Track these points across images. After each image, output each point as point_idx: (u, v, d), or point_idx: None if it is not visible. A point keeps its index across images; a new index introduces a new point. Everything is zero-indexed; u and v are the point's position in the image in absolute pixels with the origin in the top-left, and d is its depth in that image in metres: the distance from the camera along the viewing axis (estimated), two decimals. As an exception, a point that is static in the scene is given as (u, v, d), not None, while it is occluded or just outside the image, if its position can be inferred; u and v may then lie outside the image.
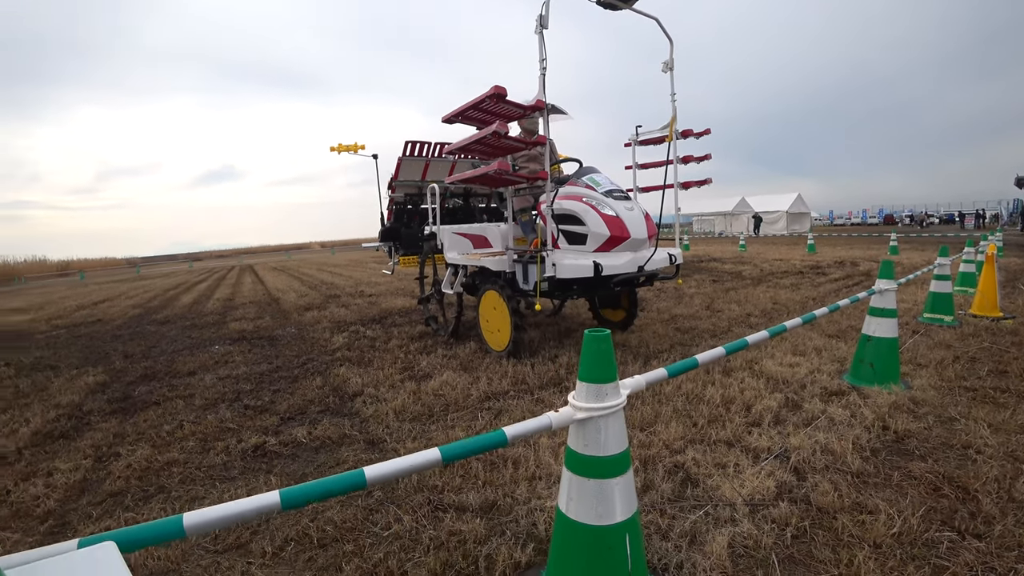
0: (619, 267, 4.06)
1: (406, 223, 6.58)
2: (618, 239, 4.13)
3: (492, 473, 2.44)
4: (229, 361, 5.35)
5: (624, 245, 4.15)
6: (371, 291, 10.90)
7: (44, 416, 3.99)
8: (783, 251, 16.40)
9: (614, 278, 4.11)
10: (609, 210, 4.19)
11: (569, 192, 4.37)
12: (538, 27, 3.74)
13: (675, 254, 4.56)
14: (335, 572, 1.81)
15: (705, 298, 7.32)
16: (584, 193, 4.32)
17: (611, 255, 4.11)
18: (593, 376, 1.36)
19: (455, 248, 5.45)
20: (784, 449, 2.50)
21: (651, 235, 4.39)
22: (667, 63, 4.68)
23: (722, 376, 3.66)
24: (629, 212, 4.25)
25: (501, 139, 3.91)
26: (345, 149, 6.40)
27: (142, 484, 2.72)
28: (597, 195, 4.29)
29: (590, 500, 1.36)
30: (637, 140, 5.27)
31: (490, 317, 4.86)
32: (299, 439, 3.09)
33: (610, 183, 4.52)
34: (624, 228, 4.14)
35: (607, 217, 4.14)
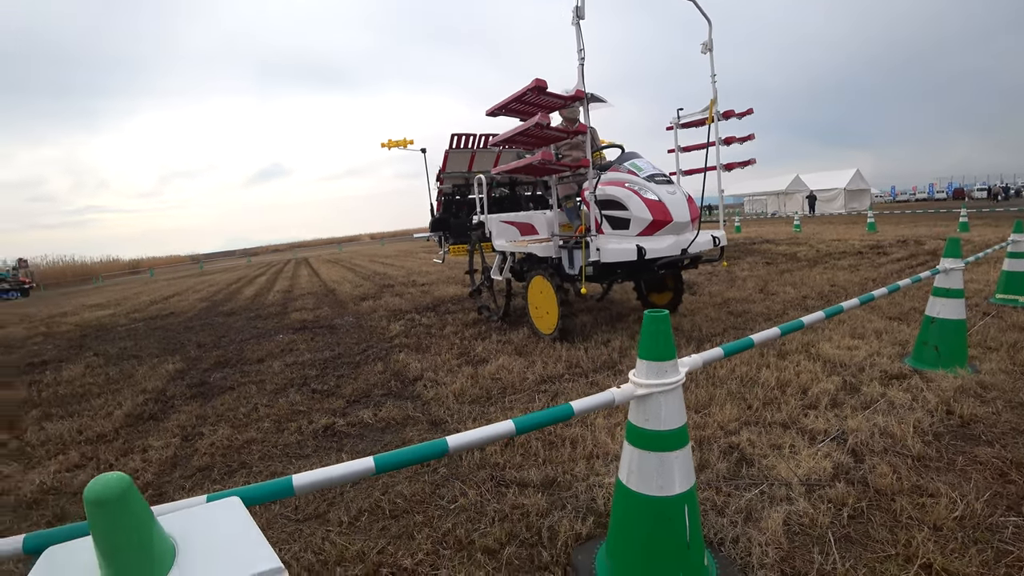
0: (662, 250, 4.11)
1: (455, 213, 6.79)
2: (661, 223, 4.18)
3: (551, 452, 2.55)
4: (294, 349, 5.66)
5: (667, 228, 4.20)
6: (423, 280, 11.18)
7: (134, 400, 4.37)
8: (841, 231, 15.70)
9: (658, 261, 4.17)
10: (651, 194, 4.24)
11: (612, 178, 4.44)
12: (575, 18, 3.81)
13: (719, 236, 4.58)
14: (407, 540, 1.96)
15: (758, 281, 7.17)
16: (626, 179, 4.39)
17: (654, 239, 4.18)
18: (653, 354, 1.43)
19: (503, 236, 5.59)
20: (841, 431, 2.49)
21: (694, 218, 4.41)
22: (706, 44, 4.66)
23: (777, 359, 3.63)
24: (671, 196, 4.29)
25: (543, 130, 4.02)
26: (395, 145, 6.64)
27: (226, 460, 2.97)
28: (639, 180, 4.35)
29: (651, 472, 1.44)
30: (679, 123, 5.27)
31: (538, 302, 4.98)
32: (365, 420, 3.29)
33: (652, 167, 4.56)
34: (667, 212, 4.19)
35: (649, 201, 4.20)
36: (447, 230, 6.75)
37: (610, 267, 4.21)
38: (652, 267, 4.30)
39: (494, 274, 5.74)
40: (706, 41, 4.66)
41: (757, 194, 40.42)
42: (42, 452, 3.46)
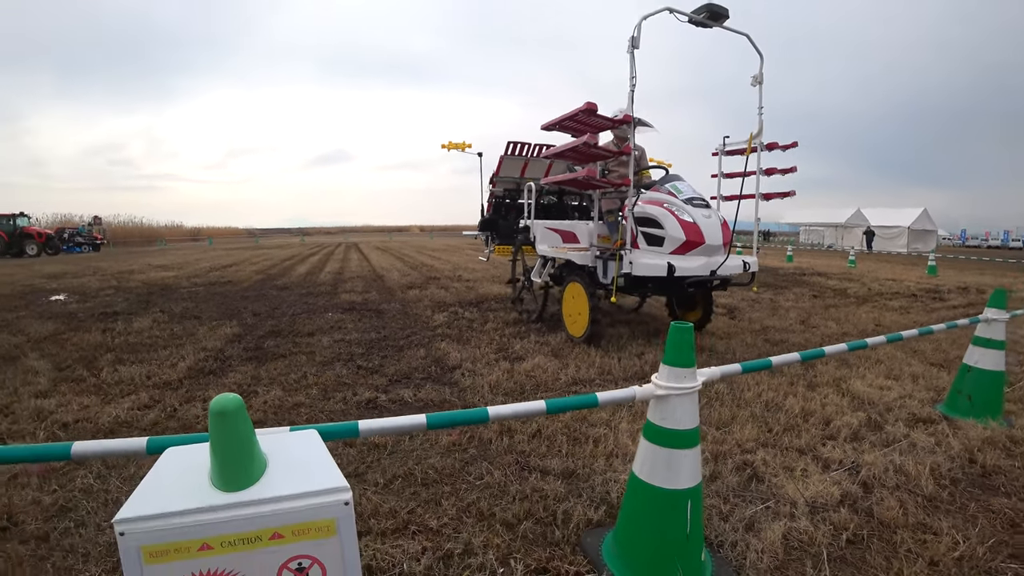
0: (692, 269, 4.37)
1: (503, 215, 7.19)
2: (693, 243, 4.46)
3: (575, 446, 2.73)
4: (342, 327, 6.02)
5: (699, 250, 4.47)
6: (468, 276, 11.49)
7: (195, 356, 4.78)
8: (898, 271, 15.16)
9: (687, 279, 4.42)
10: (687, 216, 4.53)
11: (652, 197, 4.75)
12: (630, 47, 4.10)
13: (750, 262, 4.80)
14: (435, 506, 2.18)
15: (802, 312, 7.12)
16: (665, 199, 4.70)
17: (685, 258, 4.44)
18: (674, 360, 1.60)
19: (546, 241, 5.91)
20: (855, 463, 2.57)
21: (726, 242, 4.65)
22: (756, 77, 4.87)
23: (805, 389, 3.69)
24: (706, 219, 4.56)
25: (590, 148, 4.45)
26: (454, 147, 7.06)
27: (277, 418, 3.28)
28: (677, 202, 4.64)
29: (661, 465, 1.61)
30: (723, 150, 5.46)
31: (571, 306, 5.28)
32: (405, 399, 3.55)
33: (692, 191, 4.83)
34: (700, 233, 4.47)
35: (684, 223, 4.48)
36: (495, 230, 7.19)
37: (641, 280, 4.51)
38: (682, 284, 4.55)
39: (534, 276, 6.10)
40: (756, 75, 4.86)
41: (815, 224, 39.22)
42: (116, 390, 3.87)
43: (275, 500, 1.08)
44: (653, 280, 4.52)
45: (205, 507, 1.06)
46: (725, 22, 4.57)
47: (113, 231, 44.28)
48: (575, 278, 5.18)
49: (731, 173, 5.49)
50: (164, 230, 58.24)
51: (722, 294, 8.44)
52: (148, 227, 56.44)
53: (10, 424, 3.30)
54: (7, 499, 2.33)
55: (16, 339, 5.68)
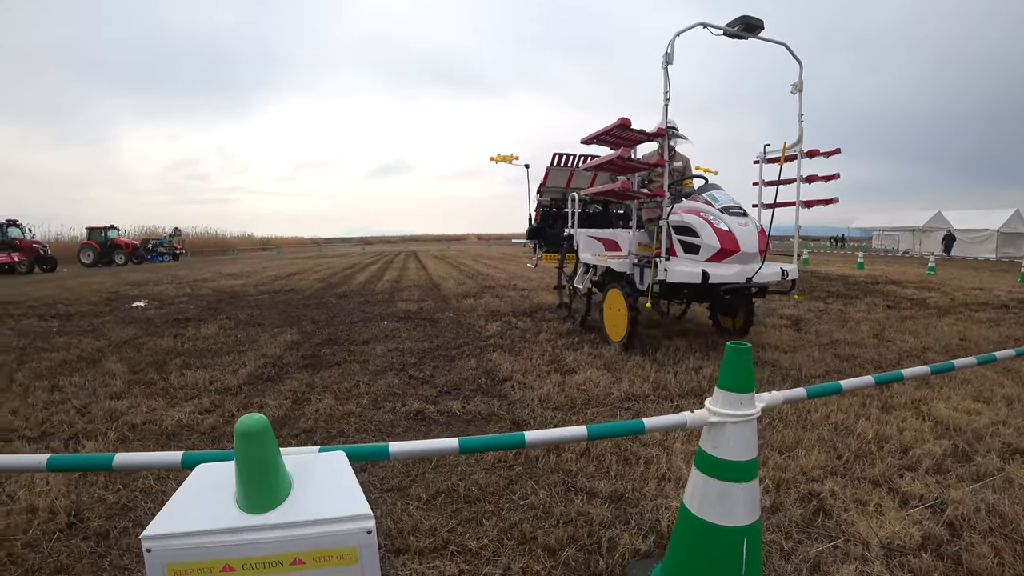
0: (727, 276, 4.48)
1: (551, 224, 7.38)
2: (728, 251, 4.58)
3: (624, 468, 2.61)
4: (396, 336, 6.11)
5: (734, 257, 4.59)
6: (523, 285, 11.46)
7: (256, 362, 4.96)
8: (986, 279, 13.91)
9: (722, 286, 4.53)
10: (723, 225, 4.66)
11: (689, 206, 4.93)
12: (664, 63, 4.25)
13: (789, 269, 4.85)
14: (476, 525, 2.12)
15: (874, 325, 6.62)
16: (702, 208, 4.84)
17: (721, 265, 4.56)
18: (730, 385, 1.47)
19: (588, 249, 6.10)
20: (940, 500, 2.31)
21: (762, 250, 4.73)
22: (796, 85, 4.95)
23: (880, 412, 3.39)
24: (742, 228, 4.68)
25: (624, 162, 4.71)
26: (502, 159, 7.24)
27: (327, 427, 3.33)
28: (714, 211, 4.78)
29: (714, 499, 1.48)
30: (764, 159, 5.46)
31: (611, 312, 5.41)
32: (453, 411, 3.53)
33: (729, 200, 4.94)
34: (735, 242, 4.59)
35: (719, 231, 4.62)
36: (542, 238, 7.43)
37: (676, 287, 4.66)
38: (717, 291, 4.68)
39: (577, 283, 6.33)
40: (796, 82, 4.95)
41: (889, 229, 36.75)
42: (181, 394, 4.06)
43: (297, 525, 1.06)
44: (689, 287, 4.62)
45: (228, 528, 1.05)
46: (760, 33, 4.64)
47: (191, 241, 47.35)
48: (615, 285, 5.30)
49: (772, 181, 5.40)
50: (236, 240, 61.70)
51: (787, 305, 8.31)
52: (222, 237, 59.97)
53: (86, 424, 3.52)
54: (76, 496, 2.46)
55: (99, 343, 6.10)
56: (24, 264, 23.91)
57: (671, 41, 4.28)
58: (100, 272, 23.08)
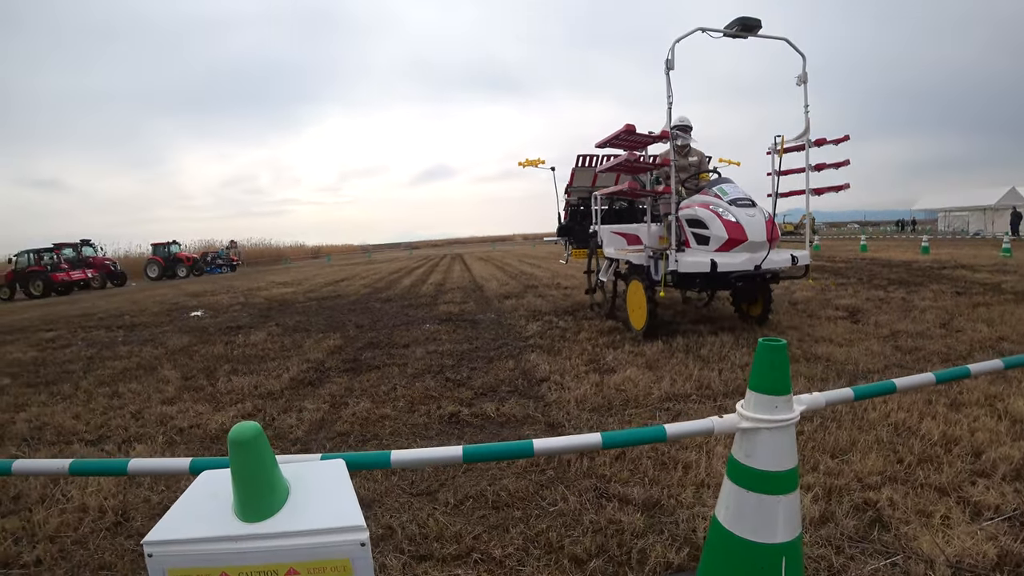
0: (735, 265, 4.77)
1: (579, 222, 7.60)
2: (736, 241, 4.88)
3: (660, 472, 2.47)
4: (437, 339, 6.12)
5: (742, 247, 4.89)
6: (567, 284, 11.31)
7: (299, 367, 5.07)
8: (1072, 261, 12.73)
9: (731, 274, 4.83)
10: (731, 216, 4.96)
11: (699, 200, 5.27)
12: (666, 68, 4.54)
13: (800, 255, 5.11)
14: (502, 532, 2.05)
15: (942, 313, 6.12)
16: (711, 201, 5.16)
17: (729, 255, 4.86)
18: (764, 386, 1.34)
19: (612, 244, 6.45)
20: (1020, 512, 2.06)
21: (771, 238, 5.02)
22: (800, 77, 5.21)
23: (947, 410, 3.09)
24: (750, 218, 4.96)
25: (633, 163, 5.30)
26: (530, 163, 7.55)
27: (362, 430, 3.34)
28: (723, 203, 5.08)
29: (748, 513, 1.34)
30: (775, 149, 5.67)
31: (633, 302, 5.72)
32: (488, 413, 3.47)
33: (738, 192, 5.23)
34: (743, 232, 4.88)
35: (727, 222, 4.93)
36: (571, 235, 7.75)
37: (688, 276, 4.97)
38: (728, 279, 4.95)
39: (602, 276, 6.74)
40: (800, 75, 5.21)
41: (955, 209, 34.30)
42: (227, 399, 4.18)
43: (291, 535, 1.04)
44: (701, 276, 4.89)
45: (226, 536, 1.06)
46: (759, 31, 4.89)
47: (247, 253, 49.54)
48: (635, 276, 5.64)
49: (785, 171, 5.69)
50: (288, 250, 64.09)
51: (843, 295, 7.94)
52: (275, 248, 62.44)
53: (139, 428, 3.68)
54: (123, 497, 2.56)
55: (157, 351, 6.41)
56: (97, 280, 25.73)
57: (671, 48, 4.55)
58: (164, 285, 24.48)
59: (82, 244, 26.79)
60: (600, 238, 6.48)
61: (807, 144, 5.36)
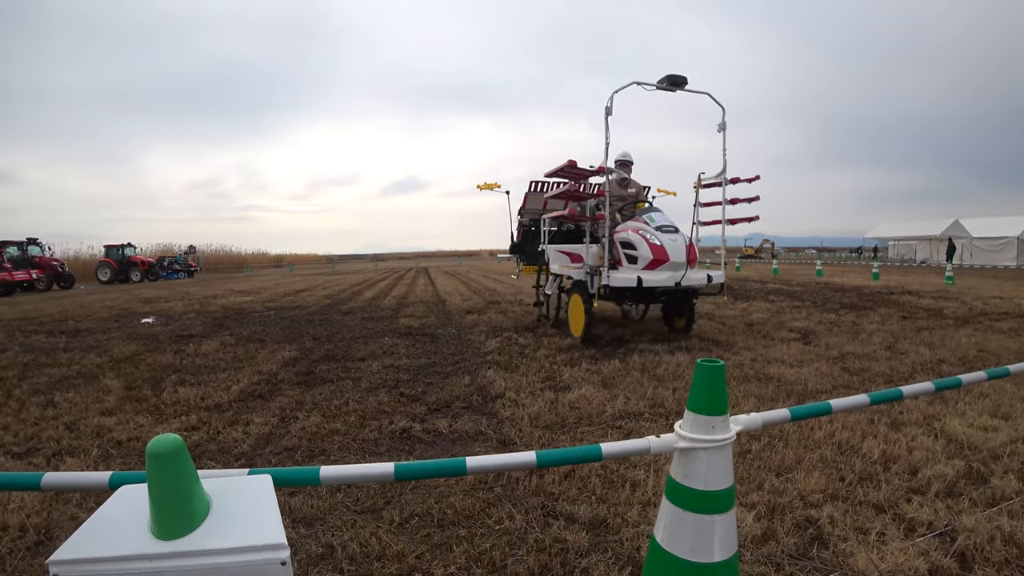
0: (658, 281, 5.59)
1: (530, 241, 8.31)
2: (659, 261, 5.74)
3: (608, 490, 2.47)
4: (394, 352, 6.02)
5: (665, 266, 5.73)
6: (530, 300, 11.33)
7: (250, 379, 4.90)
8: (1008, 287, 13.47)
9: (655, 289, 5.66)
10: (656, 240, 5.83)
11: (630, 225, 6.17)
12: (605, 115, 5.33)
13: (715, 275, 5.97)
14: (446, 552, 2.00)
15: (887, 337, 6.39)
16: (641, 227, 6.06)
17: (653, 272, 5.70)
18: (702, 407, 1.35)
19: (557, 262, 7.32)
20: (950, 527, 2.13)
21: (691, 260, 5.90)
22: (720, 125, 6.09)
23: (888, 429, 3.20)
24: (672, 242, 5.85)
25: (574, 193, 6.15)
26: (487, 187, 8.04)
27: (310, 445, 3.23)
28: (650, 229, 5.97)
29: (685, 533, 1.34)
30: (699, 184, 6.72)
31: (574, 312, 6.53)
32: (440, 429, 3.41)
33: (664, 220, 6.14)
34: (665, 253, 5.75)
35: (653, 245, 5.80)
36: (522, 253, 8.46)
37: (618, 290, 5.73)
38: (653, 294, 5.83)
39: (547, 290, 7.72)
40: (720, 123, 6.09)
41: (903, 238, 36.05)
42: (171, 411, 4.00)
43: (208, 553, 0.98)
44: (629, 290, 5.67)
45: (138, 555, 0.99)
46: (686, 86, 5.79)
47: (206, 259, 48.05)
48: (576, 290, 6.40)
49: (707, 203, 6.71)
50: (251, 257, 62.51)
51: (798, 317, 8.23)
52: (237, 254, 60.80)
53: (72, 440, 3.47)
54: (47, 515, 2.40)
55: (101, 359, 6.11)
56: (43, 281, 24.43)
57: (610, 97, 5.40)
58: (116, 289, 23.46)
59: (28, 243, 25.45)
60: (547, 256, 7.34)
61: (723, 181, 6.22)
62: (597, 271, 5.75)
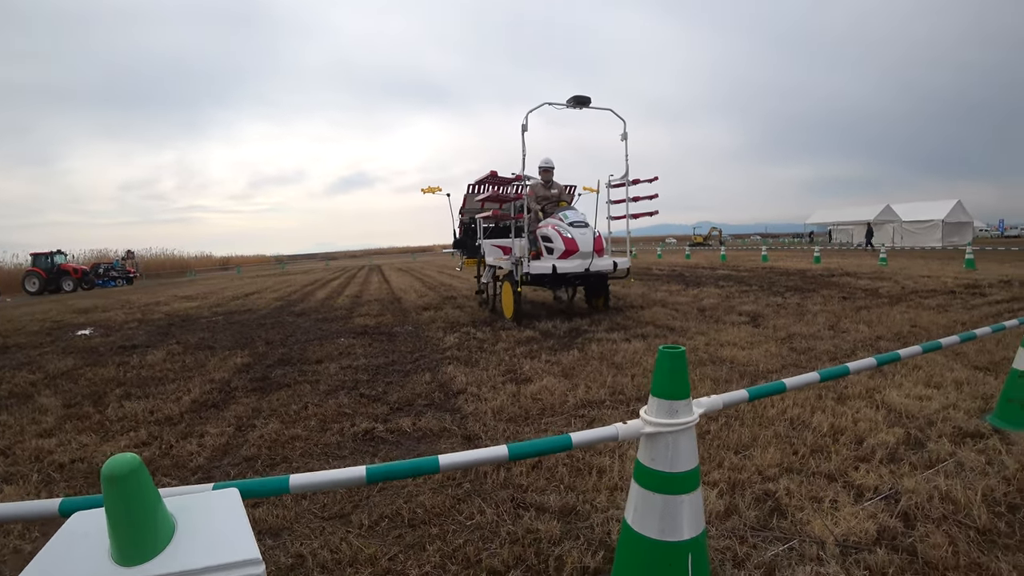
0: (570, 268, 6.73)
1: (471, 237, 9.14)
2: (571, 251, 6.84)
3: (576, 479, 2.51)
4: (351, 353, 5.90)
5: (576, 255, 6.85)
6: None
7: (201, 388, 4.71)
8: (934, 267, 14.44)
9: (568, 275, 6.84)
10: (568, 233, 6.94)
11: (550, 222, 7.23)
12: (521, 131, 6.32)
13: (620, 262, 7.13)
14: (419, 551, 1.99)
15: (830, 316, 6.74)
16: (556, 223, 7.15)
17: (566, 261, 6.81)
18: (665, 392, 1.39)
19: (492, 254, 8.30)
20: (894, 491, 2.28)
21: (598, 249, 7.04)
22: (623, 135, 7.29)
23: (835, 403, 3.39)
24: (582, 235, 6.95)
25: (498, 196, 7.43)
26: (430, 191, 8.86)
27: (271, 453, 3.14)
28: (563, 224, 7.07)
29: (654, 514, 1.39)
30: (608, 184, 7.97)
31: (505, 298, 7.56)
32: (404, 428, 3.38)
33: (577, 216, 7.28)
34: (576, 244, 6.86)
35: (565, 238, 6.91)
36: (464, 248, 9.43)
37: (538, 277, 6.82)
38: (567, 279, 7.11)
39: (484, 279, 8.85)
40: (623, 133, 7.27)
41: (844, 223, 38.08)
42: (117, 427, 3.79)
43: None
44: (547, 277, 6.75)
45: None
46: (591, 104, 6.83)
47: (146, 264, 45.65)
48: (506, 279, 7.43)
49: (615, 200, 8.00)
50: (194, 261, 59.76)
51: (747, 301, 8.58)
52: (179, 258, 58.01)
53: (8, 466, 3.24)
54: (-11, 548, 2.24)
55: (33, 376, 5.72)
56: (-39, 296, 22.63)
57: (525, 116, 6.36)
58: (46, 300, 21.97)
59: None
60: (483, 250, 8.44)
61: (627, 182, 7.44)
62: (521, 261, 6.75)
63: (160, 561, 0.96)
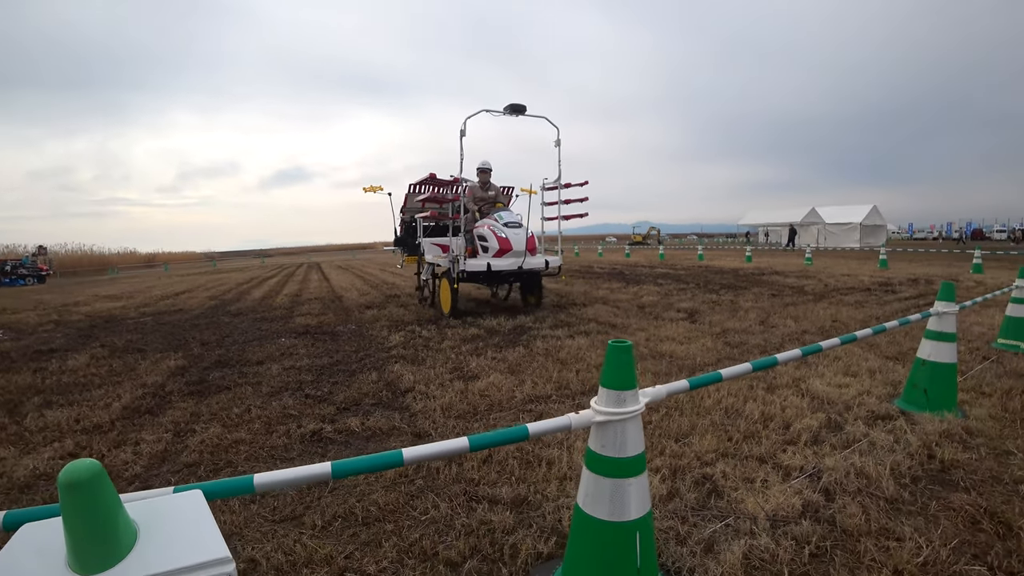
0: (504, 266, 7.02)
1: (412, 235, 9.40)
2: (505, 250, 7.18)
3: (526, 471, 2.59)
4: (294, 353, 5.75)
5: (510, 254, 7.19)
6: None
7: (133, 393, 4.46)
8: (853, 266, 15.61)
9: (502, 272, 7.11)
10: (502, 233, 7.27)
11: (486, 223, 7.51)
12: (460, 136, 6.59)
13: (552, 260, 7.57)
14: (375, 548, 2.01)
15: (761, 312, 7.17)
16: (491, 223, 7.45)
17: (501, 259, 7.13)
18: (614, 383, 1.48)
19: (431, 252, 8.64)
20: (816, 469, 2.51)
21: (531, 248, 7.43)
22: (556, 142, 7.70)
23: (765, 393, 3.64)
24: (516, 235, 7.29)
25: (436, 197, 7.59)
26: (371, 190, 8.90)
27: (213, 458, 3.04)
28: (498, 225, 7.40)
29: (604, 497, 1.48)
30: (543, 187, 8.24)
31: (443, 293, 7.85)
32: (353, 428, 3.35)
33: (511, 217, 7.63)
34: (509, 243, 7.20)
35: (500, 237, 7.24)
36: (404, 246, 9.65)
37: (473, 274, 7.05)
38: (502, 276, 7.40)
39: (424, 276, 9.13)
40: (556, 140, 7.67)
41: (773, 224, 40.33)
42: (39, 439, 3.54)
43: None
44: (482, 274, 7.00)
45: None
46: (527, 111, 7.17)
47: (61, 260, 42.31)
48: (444, 276, 7.73)
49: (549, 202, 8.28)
50: (116, 257, 55.89)
51: (684, 298, 8.97)
52: (99, 255, 54.11)
53: (-89, 486, 2.97)
54: None
55: (-65, 386, 5.23)
56: None
57: (464, 122, 6.65)
58: (-56, 302, 19.98)
59: None
60: (423, 248, 8.74)
61: (559, 185, 7.87)
62: (457, 259, 7.02)
63: (125, 567, 0.94)
